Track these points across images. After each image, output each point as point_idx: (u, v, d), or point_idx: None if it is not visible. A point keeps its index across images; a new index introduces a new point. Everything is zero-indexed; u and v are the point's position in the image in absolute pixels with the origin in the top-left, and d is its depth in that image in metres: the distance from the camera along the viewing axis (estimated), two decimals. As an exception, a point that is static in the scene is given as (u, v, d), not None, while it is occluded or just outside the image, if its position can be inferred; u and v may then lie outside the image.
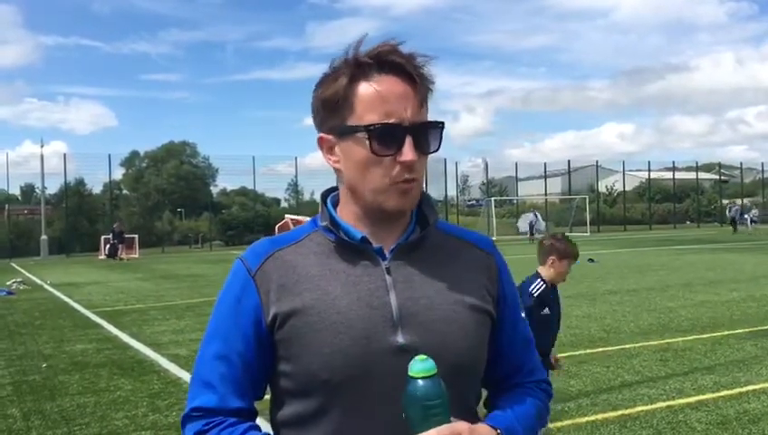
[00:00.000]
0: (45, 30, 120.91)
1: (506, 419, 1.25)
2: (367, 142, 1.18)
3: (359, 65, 1.21)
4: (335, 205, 1.32)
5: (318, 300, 1.21)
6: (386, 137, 1.18)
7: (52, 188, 46.92)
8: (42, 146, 40.26)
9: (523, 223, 40.11)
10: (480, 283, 1.31)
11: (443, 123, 1.24)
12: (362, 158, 1.20)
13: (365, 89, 1.20)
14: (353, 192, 1.26)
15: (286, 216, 11.73)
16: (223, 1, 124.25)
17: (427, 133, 1.22)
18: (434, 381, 1.09)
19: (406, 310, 1.21)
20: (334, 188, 1.34)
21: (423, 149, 1.21)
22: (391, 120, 1.18)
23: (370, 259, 1.25)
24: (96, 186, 49.35)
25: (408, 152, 1.18)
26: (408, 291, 1.23)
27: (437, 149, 1.24)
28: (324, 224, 1.28)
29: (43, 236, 37.79)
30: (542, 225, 41.59)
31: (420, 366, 1.09)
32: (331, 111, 1.24)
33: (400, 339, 1.19)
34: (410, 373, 1.09)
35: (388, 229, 1.27)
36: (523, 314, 1.41)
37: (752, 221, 39.16)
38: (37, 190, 50.49)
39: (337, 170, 1.28)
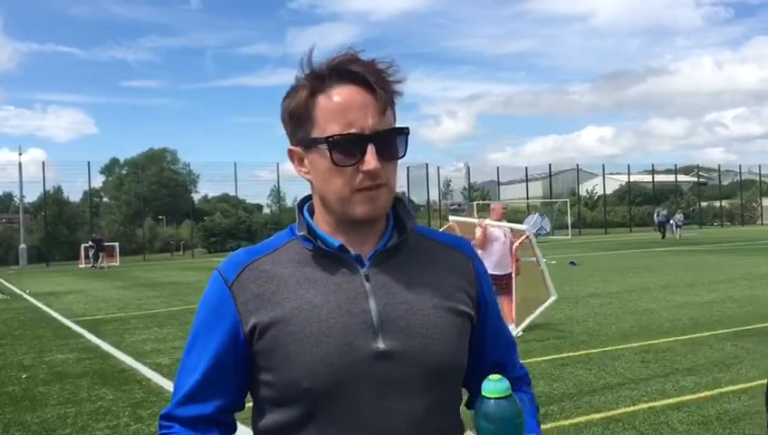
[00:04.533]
0: (22, 36, 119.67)
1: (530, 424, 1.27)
2: (328, 154, 1.19)
3: (317, 77, 1.21)
4: (312, 213, 1.32)
5: (298, 309, 1.21)
6: (346, 147, 1.19)
7: (31, 196, 46.40)
8: (20, 154, 39.96)
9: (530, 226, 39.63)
10: (459, 286, 1.31)
11: (407, 129, 1.25)
12: (326, 168, 1.21)
13: (325, 100, 1.20)
14: (323, 202, 1.27)
15: (450, 218, 11.21)
16: (202, 7, 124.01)
17: (390, 140, 1.22)
18: (511, 401, 1.09)
19: (386, 316, 1.21)
20: (310, 197, 1.34)
21: (387, 155, 1.21)
22: (352, 130, 1.18)
23: (349, 267, 1.25)
24: (75, 194, 48.97)
25: (370, 161, 1.18)
26: (387, 297, 1.23)
27: (403, 155, 1.25)
28: (302, 233, 1.28)
29: (22, 245, 37.42)
30: (547, 224, 41.41)
31: (495, 386, 1.09)
32: (297, 123, 1.25)
33: (381, 345, 1.19)
34: (485, 393, 1.09)
35: (365, 236, 1.28)
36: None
37: (677, 226, 39.03)
38: (15, 199, 49.93)
39: (309, 181, 1.29)
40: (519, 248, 9.34)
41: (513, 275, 9.10)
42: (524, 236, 9.38)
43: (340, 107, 1.19)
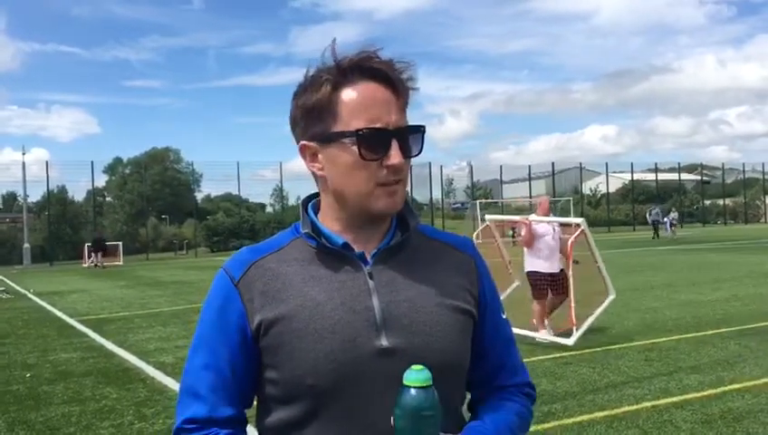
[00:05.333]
0: (25, 36, 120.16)
1: (481, 430, 1.25)
2: (355, 148, 1.20)
3: (341, 72, 1.22)
4: (316, 211, 1.33)
5: (301, 306, 1.22)
6: (374, 141, 1.20)
7: (35, 195, 46.57)
8: (23, 153, 40.04)
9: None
10: (461, 284, 1.32)
11: (424, 127, 1.27)
12: (349, 162, 1.22)
13: (349, 95, 1.21)
14: (339, 198, 1.27)
15: (488, 217, 10.05)
16: (204, 7, 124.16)
17: (411, 137, 1.24)
18: (428, 392, 1.08)
19: (389, 313, 1.22)
20: (314, 195, 1.35)
21: (407, 152, 1.23)
22: (378, 125, 1.20)
23: (352, 264, 1.26)
24: (79, 193, 49.08)
25: (395, 155, 1.20)
26: (390, 294, 1.24)
27: (420, 153, 1.27)
28: (306, 231, 1.29)
29: (26, 245, 37.50)
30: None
31: (416, 376, 1.08)
32: (315, 118, 1.25)
33: (384, 342, 1.20)
34: (405, 382, 1.09)
35: (369, 234, 1.29)
36: (504, 315, 1.41)
37: (671, 225, 38.46)
38: (19, 198, 50.09)
39: (320, 177, 1.29)
40: (575, 244, 8.27)
41: (570, 273, 8.26)
42: (579, 230, 8.23)
43: (365, 102, 1.20)
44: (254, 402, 1.32)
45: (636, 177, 58.01)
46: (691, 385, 6.08)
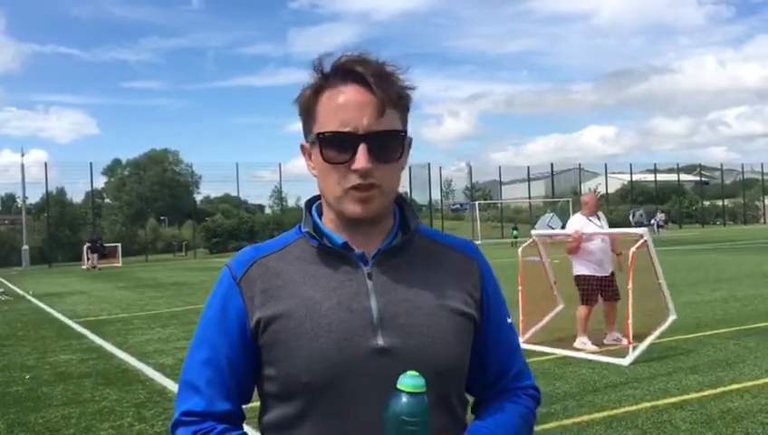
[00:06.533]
0: (24, 37, 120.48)
1: (485, 431, 1.25)
2: (319, 150, 1.23)
3: (324, 76, 1.25)
4: (321, 213, 1.34)
5: (299, 305, 1.23)
6: (338, 145, 1.21)
7: (33, 197, 46.60)
8: (22, 155, 40.05)
9: (541, 224, 37.61)
10: (462, 287, 1.32)
11: (404, 131, 1.26)
12: (321, 165, 1.25)
13: (326, 99, 1.23)
14: (324, 198, 1.30)
15: (534, 233, 9.33)
16: (203, 7, 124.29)
17: (384, 141, 1.22)
18: (418, 399, 1.08)
19: (386, 313, 1.23)
20: (319, 197, 1.36)
21: (380, 157, 1.22)
22: (346, 129, 1.20)
23: (352, 264, 1.27)
24: (78, 195, 49.09)
25: (360, 160, 1.19)
26: (388, 295, 1.25)
27: (399, 157, 1.26)
28: (306, 230, 1.30)
29: (25, 246, 37.50)
30: (556, 223, 40.81)
31: (409, 381, 1.08)
32: (304, 120, 1.29)
33: (380, 341, 1.21)
34: (398, 386, 1.09)
35: (370, 235, 1.29)
36: (510, 320, 1.41)
37: (658, 226, 38.15)
38: (18, 200, 50.06)
39: (316, 177, 1.32)
40: (633, 252, 7.63)
41: (629, 285, 7.52)
42: (642, 241, 7.58)
43: (337, 105, 1.22)
44: (256, 402, 1.32)
45: (635, 178, 58.10)
46: (690, 385, 6.09)
